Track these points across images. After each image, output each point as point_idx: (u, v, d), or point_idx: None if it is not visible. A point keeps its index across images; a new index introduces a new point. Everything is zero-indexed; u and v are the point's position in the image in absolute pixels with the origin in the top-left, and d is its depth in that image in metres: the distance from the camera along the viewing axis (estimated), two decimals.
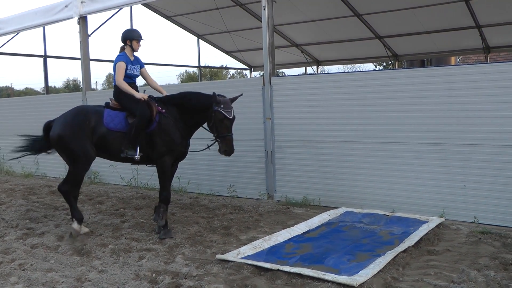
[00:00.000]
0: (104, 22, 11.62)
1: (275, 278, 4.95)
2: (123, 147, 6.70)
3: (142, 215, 7.90)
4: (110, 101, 7.10)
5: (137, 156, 6.68)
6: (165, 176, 6.80)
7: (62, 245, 6.29)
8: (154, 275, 5.16)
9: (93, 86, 12.00)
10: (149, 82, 7.50)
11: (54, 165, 12.21)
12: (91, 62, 11.64)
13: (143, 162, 7.01)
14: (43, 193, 10.01)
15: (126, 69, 7.02)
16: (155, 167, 6.93)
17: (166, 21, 16.32)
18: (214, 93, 6.64)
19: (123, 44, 7.18)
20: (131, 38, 7.08)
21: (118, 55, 7.08)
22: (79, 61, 11.55)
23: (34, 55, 15.47)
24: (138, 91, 7.16)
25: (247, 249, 5.78)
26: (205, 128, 6.96)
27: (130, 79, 7.12)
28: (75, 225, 6.70)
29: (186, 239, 6.44)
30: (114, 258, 5.76)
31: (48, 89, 15.37)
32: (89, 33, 11.40)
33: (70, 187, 6.77)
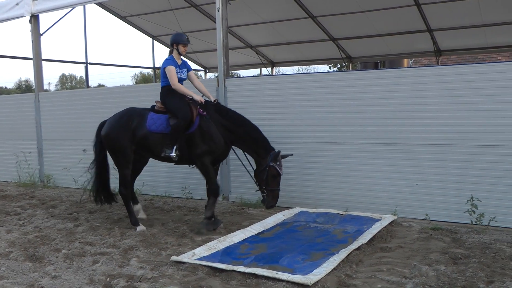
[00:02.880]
0: (56, 21, 11.45)
1: (230, 278, 4.97)
2: (164, 147, 6.93)
3: (96, 218, 7.78)
4: (155, 104, 7.28)
5: (173, 154, 6.86)
6: (208, 171, 7.00)
7: (13, 252, 6.12)
8: (108, 279, 5.09)
9: (45, 87, 11.72)
10: (196, 85, 7.54)
11: (5, 169, 11.90)
12: (43, 62, 11.43)
13: (185, 162, 7.20)
14: None
15: None
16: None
17: (120, 21, 16.07)
18: (277, 151, 6.89)
19: (171, 48, 7.25)
20: (177, 42, 7.19)
21: (166, 59, 7.20)
22: (31, 61, 11.31)
23: None
24: None
25: (202, 250, 5.78)
26: (245, 154, 7.25)
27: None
28: (139, 228, 7.04)
29: (140, 242, 6.39)
30: (67, 263, 5.66)
31: None
32: (41, 32, 11.18)
33: (122, 189, 7.21)
